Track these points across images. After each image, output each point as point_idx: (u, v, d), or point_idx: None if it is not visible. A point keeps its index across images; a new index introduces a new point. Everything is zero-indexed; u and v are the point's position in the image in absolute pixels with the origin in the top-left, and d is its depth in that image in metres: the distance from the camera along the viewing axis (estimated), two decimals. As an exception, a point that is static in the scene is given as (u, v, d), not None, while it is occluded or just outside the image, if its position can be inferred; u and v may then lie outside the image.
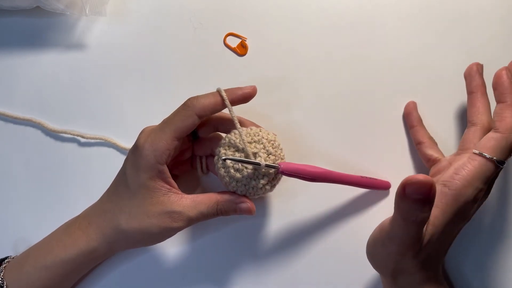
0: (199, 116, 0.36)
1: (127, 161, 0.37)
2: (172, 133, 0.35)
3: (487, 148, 0.35)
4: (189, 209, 0.36)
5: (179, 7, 0.46)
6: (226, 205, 0.37)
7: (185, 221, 0.36)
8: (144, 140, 0.36)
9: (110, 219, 0.37)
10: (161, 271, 0.42)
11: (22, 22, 0.47)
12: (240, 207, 0.37)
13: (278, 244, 0.43)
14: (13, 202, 0.44)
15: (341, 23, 0.45)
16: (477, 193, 0.34)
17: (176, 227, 0.36)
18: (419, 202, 0.29)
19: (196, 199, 0.37)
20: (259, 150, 0.36)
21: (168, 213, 0.36)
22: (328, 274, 0.42)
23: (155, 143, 0.35)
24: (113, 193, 0.38)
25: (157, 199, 0.36)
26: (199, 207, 0.36)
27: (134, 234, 0.36)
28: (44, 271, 0.37)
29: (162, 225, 0.36)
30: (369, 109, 0.44)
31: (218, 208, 0.37)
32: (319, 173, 0.37)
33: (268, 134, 0.37)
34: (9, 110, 0.46)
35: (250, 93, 0.37)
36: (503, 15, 0.45)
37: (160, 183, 0.36)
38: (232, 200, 0.37)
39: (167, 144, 0.35)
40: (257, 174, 0.36)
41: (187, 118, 0.35)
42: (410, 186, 0.29)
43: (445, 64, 0.45)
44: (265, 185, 0.36)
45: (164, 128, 0.36)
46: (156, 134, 0.36)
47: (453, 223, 0.34)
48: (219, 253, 0.42)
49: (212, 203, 0.37)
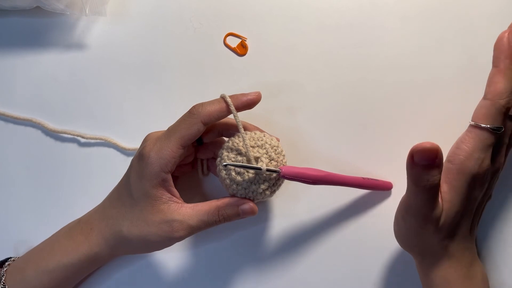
0: (204, 123, 0.36)
1: (131, 168, 0.37)
2: (178, 141, 0.35)
3: (479, 118, 0.35)
4: (189, 217, 0.36)
5: (179, 7, 0.46)
6: (228, 210, 0.36)
7: (186, 230, 0.36)
8: (150, 148, 0.36)
9: (112, 225, 0.37)
10: (162, 276, 0.42)
11: (22, 22, 0.47)
12: (243, 209, 0.36)
13: (281, 247, 0.43)
14: (13, 202, 0.44)
15: (341, 23, 0.45)
16: (480, 163, 0.34)
17: (177, 236, 0.35)
18: (427, 168, 0.32)
19: (196, 207, 0.36)
20: (261, 155, 0.36)
21: (168, 222, 0.35)
22: (331, 276, 0.42)
23: (161, 151, 0.35)
24: (115, 199, 0.38)
25: (157, 208, 0.36)
26: (199, 215, 0.36)
27: (134, 241, 0.36)
28: (46, 275, 0.37)
29: (162, 234, 0.35)
30: (370, 109, 0.44)
31: (220, 214, 0.36)
32: (321, 176, 0.37)
33: (272, 139, 0.37)
34: (9, 110, 0.46)
35: (254, 99, 0.37)
36: (503, 15, 0.45)
37: (161, 191, 0.36)
38: (233, 204, 0.36)
39: (173, 152, 0.35)
40: (258, 179, 0.36)
41: (192, 125, 0.35)
42: (417, 153, 0.31)
43: (445, 64, 0.44)
44: (265, 190, 0.36)
45: (170, 136, 0.36)
46: (162, 143, 0.35)
47: (466, 197, 0.35)
48: (221, 258, 0.43)
49: (213, 210, 0.36)
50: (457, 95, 0.43)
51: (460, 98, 0.43)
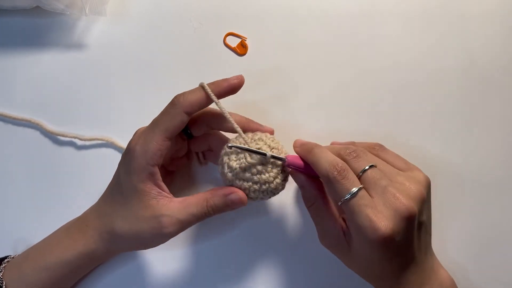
0: (187, 113, 0.35)
1: (120, 164, 0.37)
2: (162, 133, 0.35)
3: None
4: (178, 211, 0.35)
5: (179, 7, 0.46)
6: (216, 200, 0.35)
7: (176, 225, 0.35)
8: (135, 142, 0.35)
9: (106, 222, 0.37)
10: (160, 273, 0.42)
11: (22, 22, 0.47)
12: (231, 199, 0.35)
13: (280, 242, 0.43)
14: (12, 202, 0.44)
15: (341, 23, 0.46)
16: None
17: (167, 232, 0.35)
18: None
19: (185, 201, 0.35)
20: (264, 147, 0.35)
21: (157, 218, 0.34)
22: (331, 270, 0.42)
23: (145, 144, 0.34)
24: (108, 196, 0.38)
25: (147, 203, 0.35)
26: (188, 208, 0.35)
27: (127, 238, 0.36)
28: (44, 272, 0.37)
29: (152, 230, 0.35)
30: (369, 108, 0.44)
31: (208, 205, 0.35)
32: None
33: (273, 140, 0.37)
34: (8, 110, 0.46)
35: (236, 84, 0.36)
36: (503, 15, 0.45)
37: (150, 186, 0.35)
38: (221, 193, 0.35)
39: (158, 145, 0.34)
40: (260, 166, 0.35)
41: (175, 116, 0.35)
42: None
43: (445, 64, 0.45)
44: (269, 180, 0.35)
45: (154, 128, 0.35)
46: (146, 136, 0.35)
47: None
48: (220, 255, 0.42)
49: (201, 202, 0.35)
50: (457, 95, 0.44)
51: (460, 97, 0.44)
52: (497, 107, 0.44)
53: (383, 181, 0.33)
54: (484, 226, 0.42)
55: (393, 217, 0.31)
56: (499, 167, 0.43)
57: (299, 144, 0.38)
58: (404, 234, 0.32)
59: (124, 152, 0.36)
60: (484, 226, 0.42)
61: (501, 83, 0.44)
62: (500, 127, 0.44)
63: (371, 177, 0.33)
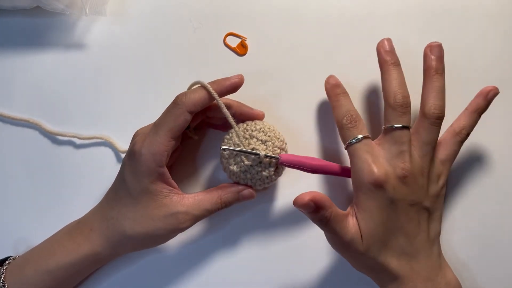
0: (190, 113, 0.36)
1: (124, 167, 0.37)
2: (168, 134, 0.35)
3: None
4: (193, 207, 0.36)
5: (179, 7, 0.46)
6: (230, 197, 0.38)
7: (191, 220, 0.37)
8: (140, 145, 0.35)
9: (113, 226, 0.37)
10: (163, 271, 0.42)
11: (22, 22, 0.47)
12: (243, 195, 0.38)
13: (277, 236, 0.42)
14: (11, 202, 0.44)
15: (341, 23, 0.46)
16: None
17: (183, 227, 0.36)
18: (311, 214, 0.34)
19: (198, 197, 0.37)
20: (258, 144, 0.37)
21: (174, 215, 0.36)
22: (331, 263, 0.42)
23: (152, 147, 0.35)
24: (113, 199, 0.38)
25: (160, 202, 0.36)
26: (202, 204, 0.37)
27: (140, 238, 0.36)
28: (47, 275, 0.37)
29: (168, 227, 0.36)
30: (370, 108, 0.44)
31: (222, 201, 0.37)
32: (320, 166, 0.37)
33: (263, 131, 0.38)
34: (8, 110, 0.46)
35: (237, 82, 0.37)
36: (503, 15, 0.45)
37: (161, 186, 0.36)
38: (234, 191, 0.38)
39: (164, 146, 0.35)
40: (257, 166, 0.37)
41: (179, 116, 0.35)
42: (297, 206, 0.33)
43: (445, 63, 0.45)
44: (270, 176, 0.38)
45: (158, 130, 0.35)
46: (152, 138, 0.35)
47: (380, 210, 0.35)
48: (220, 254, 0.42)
49: (215, 198, 0.37)
50: (457, 95, 0.44)
51: (460, 97, 0.44)
52: (497, 107, 0.44)
53: (404, 146, 0.35)
54: (488, 226, 0.42)
55: (391, 173, 0.34)
56: (500, 166, 0.43)
57: (330, 84, 0.40)
58: (399, 191, 0.34)
59: (128, 154, 0.37)
60: (488, 225, 0.42)
61: (501, 83, 0.44)
62: (500, 127, 0.44)
63: (397, 136, 0.35)
